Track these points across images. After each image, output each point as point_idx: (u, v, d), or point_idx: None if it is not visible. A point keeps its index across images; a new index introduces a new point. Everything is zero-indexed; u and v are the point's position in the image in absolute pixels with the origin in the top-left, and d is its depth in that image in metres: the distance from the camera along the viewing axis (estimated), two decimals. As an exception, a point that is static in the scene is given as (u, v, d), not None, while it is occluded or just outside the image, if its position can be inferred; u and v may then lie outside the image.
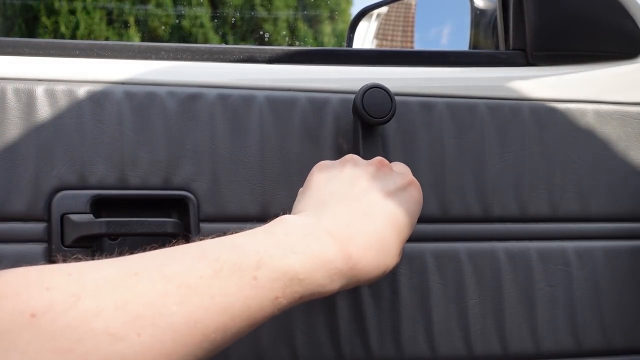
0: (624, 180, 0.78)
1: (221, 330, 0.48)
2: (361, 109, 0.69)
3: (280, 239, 0.54)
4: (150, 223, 0.67)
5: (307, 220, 0.58)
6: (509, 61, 0.81)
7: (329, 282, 0.55)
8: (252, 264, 0.50)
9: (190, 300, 0.46)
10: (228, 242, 0.53)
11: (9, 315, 0.41)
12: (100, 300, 0.43)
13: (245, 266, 0.50)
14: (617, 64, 0.81)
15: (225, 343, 0.49)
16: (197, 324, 0.46)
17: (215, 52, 0.76)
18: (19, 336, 0.40)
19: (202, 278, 0.48)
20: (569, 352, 0.75)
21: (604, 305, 0.76)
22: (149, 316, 0.44)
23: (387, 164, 0.66)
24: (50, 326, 0.41)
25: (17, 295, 0.42)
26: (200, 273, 0.48)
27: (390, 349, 0.71)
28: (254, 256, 0.51)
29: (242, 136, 0.70)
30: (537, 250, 0.75)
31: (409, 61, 0.80)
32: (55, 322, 0.41)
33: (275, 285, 0.51)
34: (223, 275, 0.49)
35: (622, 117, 0.79)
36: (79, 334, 0.42)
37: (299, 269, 0.53)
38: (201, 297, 0.47)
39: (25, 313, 0.41)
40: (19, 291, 0.42)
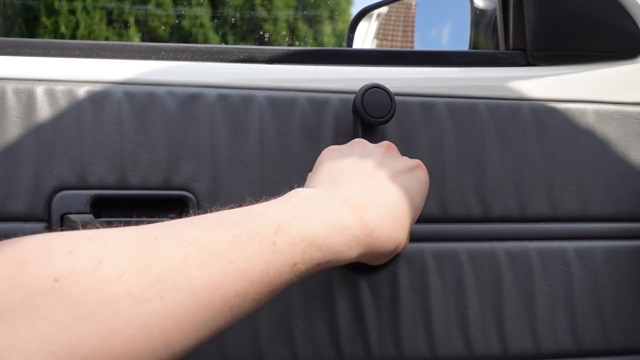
0: (624, 180, 0.78)
1: (241, 295, 0.48)
2: (361, 109, 0.69)
3: (297, 207, 0.54)
4: (150, 223, 0.67)
5: (321, 191, 0.58)
6: (509, 61, 0.81)
7: (347, 249, 0.55)
8: (271, 229, 0.51)
9: (211, 264, 0.46)
10: (245, 210, 0.53)
11: (32, 280, 0.40)
12: (122, 263, 0.43)
13: (264, 232, 0.50)
14: (617, 64, 0.81)
15: (244, 310, 0.49)
16: (218, 288, 0.46)
17: (215, 52, 0.76)
18: (43, 301, 0.40)
19: (222, 242, 0.48)
20: (568, 352, 0.75)
21: (604, 305, 0.76)
22: (170, 279, 0.44)
23: (395, 147, 0.67)
24: (74, 290, 0.41)
25: (39, 260, 0.41)
26: (219, 237, 0.48)
27: (390, 349, 0.71)
28: (272, 222, 0.51)
29: (242, 136, 0.70)
30: (537, 250, 0.75)
31: (409, 61, 0.80)
32: (78, 286, 0.41)
33: (294, 250, 0.51)
34: (242, 240, 0.49)
35: (622, 117, 0.79)
36: (102, 297, 0.41)
37: (317, 235, 0.53)
38: (221, 261, 0.47)
39: (48, 277, 0.40)
40: (41, 256, 0.41)
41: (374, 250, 0.58)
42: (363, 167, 0.62)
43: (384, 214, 0.59)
